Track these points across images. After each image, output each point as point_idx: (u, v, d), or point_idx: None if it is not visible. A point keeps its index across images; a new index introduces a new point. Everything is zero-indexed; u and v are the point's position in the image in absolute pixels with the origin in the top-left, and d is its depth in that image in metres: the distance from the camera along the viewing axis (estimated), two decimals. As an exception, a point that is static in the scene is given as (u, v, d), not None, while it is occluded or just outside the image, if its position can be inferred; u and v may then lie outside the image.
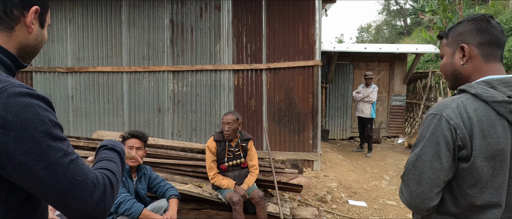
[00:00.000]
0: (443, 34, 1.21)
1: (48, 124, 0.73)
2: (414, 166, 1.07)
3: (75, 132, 5.59)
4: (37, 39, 0.89)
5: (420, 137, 1.08)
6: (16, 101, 0.69)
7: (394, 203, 4.17)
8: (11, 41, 0.83)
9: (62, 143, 0.75)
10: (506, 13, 11.93)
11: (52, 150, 0.72)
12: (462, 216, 1.07)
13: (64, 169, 0.73)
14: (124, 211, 2.26)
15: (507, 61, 9.37)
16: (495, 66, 1.09)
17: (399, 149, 7.42)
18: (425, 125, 1.07)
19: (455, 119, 1.01)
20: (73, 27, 5.46)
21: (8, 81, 0.72)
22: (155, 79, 5.38)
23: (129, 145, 2.48)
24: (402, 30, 25.52)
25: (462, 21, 1.14)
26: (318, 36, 4.94)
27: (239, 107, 5.24)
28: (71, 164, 0.75)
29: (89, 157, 1.13)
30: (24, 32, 0.84)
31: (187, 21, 5.25)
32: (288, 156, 5.05)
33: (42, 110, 0.73)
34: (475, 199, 1.03)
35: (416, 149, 1.09)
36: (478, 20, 1.09)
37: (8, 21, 0.81)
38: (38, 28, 0.88)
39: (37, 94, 0.75)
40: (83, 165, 0.78)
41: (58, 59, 5.54)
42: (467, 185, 1.03)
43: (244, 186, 3.06)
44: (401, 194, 1.14)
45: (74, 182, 0.74)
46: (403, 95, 8.59)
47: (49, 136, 0.72)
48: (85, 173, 0.77)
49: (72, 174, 0.74)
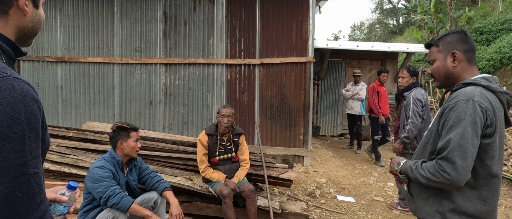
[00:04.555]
0: (433, 43, 1.48)
1: (24, 127, 0.69)
2: (459, 144, 1.23)
3: (64, 123, 5.51)
4: (33, 20, 0.87)
5: (457, 119, 1.26)
6: (4, 95, 0.68)
7: (381, 199, 4.26)
8: (8, 26, 0.82)
9: (28, 151, 0.70)
10: (495, 15, 12.17)
11: (12, 153, 0.67)
12: (477, 185, 1.30)
13: (10, 178, 0.67)
14: (113, 205, 2.25)
15: (494, 62, 9.58)
16: (475, 68, 1.42)
17: (388, 146, 7.54)
18: (460, 109, 1.26)
19: (484, 103, 1.25)
20: (63, 16, 5.36)
21: (4, 73, 0.71)
22: (147, 71, 5.33)
23: (136, 137, 2.53)
24: (395, 29, 25.77)
25: (447, 33, 1.44)
26: (312, 33, 4.97)
27: (232, 102, 5.24)
28: (22, 177, 0.68)
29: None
30: (19, 15, 0.83)
31: (181, 13, 5.21)
32: (279, 151, 5.10)
33: (26, 111, 0.70)
34: (491, 168, 1.28)
35: (457, 130, 1.24)
36: (460, 33, 1.41)
37: (1, 6, 0.79)
38: (32, 9, 0.86)
39: (29, 93, 0.72)
40: (36, 185, 0.70)
41: (47, 48, 5.44)
42: (488, 157, 1.28)
43: (235, 179, 3.09)
44: (440, 174, 1.26)
45: (10, 197, 0.66)
46: (393, 94, 8.72)
47: (18, 139, 0.68)
48: (31, 194, 0.69)
49: (15, 187, 0.67)
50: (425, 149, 1.43)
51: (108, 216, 2.27)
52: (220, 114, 3.14)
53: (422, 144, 1.47)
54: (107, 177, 2.31)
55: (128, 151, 2.49)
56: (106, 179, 2.30)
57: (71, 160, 3.38)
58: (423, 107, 3.59)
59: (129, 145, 2.48)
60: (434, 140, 1.37)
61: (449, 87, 1.46)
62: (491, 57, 9.64)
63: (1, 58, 0.77)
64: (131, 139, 2.49)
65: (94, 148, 3.54)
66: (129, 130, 2.52)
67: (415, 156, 1.52)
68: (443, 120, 1.32)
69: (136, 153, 2.55)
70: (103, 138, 3.62)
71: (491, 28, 11.04)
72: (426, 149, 1.43)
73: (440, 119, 1.34)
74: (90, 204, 2.39)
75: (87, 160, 3.37)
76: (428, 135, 1.44)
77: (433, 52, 1.47)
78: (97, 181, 2.28)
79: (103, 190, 2.26)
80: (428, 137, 1.43)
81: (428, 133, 1.44)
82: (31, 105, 0.72)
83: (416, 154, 1.52)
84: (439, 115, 1.37)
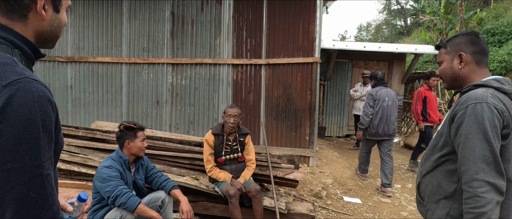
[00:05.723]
0: (442, 44, 1.47)
1: (40, 128, 0.70)
2: (490, 151, 1.18)
3: (73, 122, 5.59)
4: (52, 25, 0.88)
5: (474, 124, 1.20)
6: (22, 96, 0.69)
7: (388, 201, 4.23)
8: (28, 29, 0.83)
9: (42, 153, 0.71)
10: (508, 16, 11.96)
11: (27, 155, 0.69)
12: None
13: (25, 179, 0.68)
14: (120, 204, 2.27)
15: (506, 64, 9.42)
16: (486, 70, 1.38)
17: (395, 148, 7.48)
18: (476, 113, 1.21)
19: (499, 105, 1.21)
20: (74, 17, 5.44)
21: (23, 74, 0.72)
22: (154, 71, 5.38)
23: (142, 137, 2.56)
24: (402, 30, 25.52)
25: (457, 35, 1.43)
26: (318, 33, 4.96)
27: (238, 102, 5.26)
28: (37, 178, 0.70)
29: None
30: (37, 19, 0.84)
31: (188, 14, 5.24)
32: (285, 152, 5.09)
33: (42, 113, 0.71)
34: (507, 172, 1.22)
35: (478, 136, 1.19)
36: (470, 35, 1.38)
37: (20, 9, 0.80)
38: (52, 14, 0.87)
39: (45, 94, 0.73)
40: (49, 187, 0.72)
41: (58, 48, 5.52)
42: (503, 160, 1.22)
43: (241, 179, 3.10)
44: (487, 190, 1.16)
45: (25, 197, 0.68)
46: (400, 95, 8.64)
47: (34, 141, 0.70)
48: (45, 195, 0.71)
49: (29, 188, 0.69)
50: (434, 151, 1.42)
51: (116, 215, 2.30)
52: (226, 114, 3.16)
53: (431, 147, 1.46)
54: (115, 176, 2.34)
55: (135, 150, 2.52)
56: (114, 178, 2.33)
57: (80, 159, 3.43)
58: (374, 101, 4.51)
59: (136, 145, 2.51)
60: (444, 143, 1.35)
61: (457, 88, 1.44)
62: (503, 59, 9.48)
63: (21, 60, 0.79)
64: (138, 139, 2.52)
65: (103, 147, 3.58)
66: (136, 129, 2.54)
67: (424, 158, 1.51)
68: (456, 124, 1.27)
69: (143, 152, 2.58)
70: (111, 138, 3.67)
71: (504, 29, 10.84)
72: (434, 151, 1.41)
73: (451, 123, 1.31)
74: (99, 204, 2.42)
75: (95, 159, 3.42)
76: (437, 138, 1.42)
77: (441, 54, 1.47)
78: (105, 181, 2.31)
79: (111, 190, 2.28)
80: (437, 139, 1.41)
81: (438, 136, 1.42)
82: (47, 107, 0.73)
83: (425, 155, 1.50)
84: (449, 119, 1.34)
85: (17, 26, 0.81)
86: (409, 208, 4.02)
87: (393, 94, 4.59)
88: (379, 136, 4.54)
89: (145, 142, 2.58)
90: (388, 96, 4.52)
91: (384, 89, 4.58)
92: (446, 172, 1.35)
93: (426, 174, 1.45)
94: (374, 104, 4.50)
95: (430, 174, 1.42)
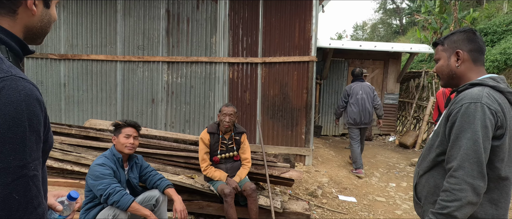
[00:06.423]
0: (439, 41, 1.46)
1: (26, 128, 0.68)
2: (474, 151, 1.18)
3: (67, 120, 5.53)
4: (42, 21, 0.85)
5: (465, 124, 1.21)
6: (7, 95, 0.66)
7: (383, 200, 4.25)
8: (16, 25, 0.80)
9: (28, 153, 0.69)
10: (500, 16, 12.08)
11: (11, 155, 0.66)
12: (487, 188, 1.24)
13: (8, 180, 0.66)
14: (113, 203, 2.24)
15: (498, 64, 9.51)
16: (482, 68, 1.38)
17: (390, 147, 7.52)
18: (469, 113, 1.21)
19: (493, 105, 1.20)
20: (67, 13, 5.37)
21: (9, 72, 0.69)
22: (150, 69, 5.34)
23: (127, 133, 2.48)
24: (398, 29, 25.67)
25: (454, 32, 1.41)
26: (314, 32, 4.95)
27: (234, 100, 5.24)
28: (21, 179, 0.67)
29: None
30: (27, 15, 0.81)
31: (184, 11, 5.20)
32: (281, 150, 5.09)
33: (29, 112, 0.69)
34: (501, 171, 1.23)
35: (466, 135, 1.19)
36: (468, 32, 1.37)
37: (9, 4, 0.78)
38: (42, 9, 0.85)
39: (33, 93, 0.71)
40: (34, 188, 0.70)
41: (51, 45, 5.45)
42: (497, 160, 1.23)
43: (236, 178, 3.08)
44: (462, 188, 1.17)
45: (7, 199, 0.65)
46: (396, 94, 8.68)
47: (19, 141, 0.67)
48: (29, 196, 0.68)
49: (13, 189, 0.66)
50: (431, 150, 1.41)
51: (109, 214, 2.26)
52: (222, 112, 3.14)
53: (428, 147, 1.45)
54: (108, 174, 2.31)
55: (119, 147, 2.47)
56: (106, 176, 2.29)
57: (74, 158, 3.39)
58: (348, 95, 5.26)
59: (119, 141, 2.46)
60: (441, 142, 1.34)
61: (454, 86, 1.44)
62: (496, 58, 9.57)
63: (8, 56, 0.76)
64: (121, 135, 2.47)
65: (96, 146, 3.54)
66: (121, 126, 2.51)
67: (421, 157, 1.50)
68: (450, 124, 1.28)
69: (127, 149, 2.47)
70: (105, 136, 3.63)
71: (496, 29, 10.95)
72: (431, 151, 1.40)
73: (447, 121, 1.31)
74: (92, 202, 2.39)
75: (89, 158, 3.38)
76: (434, 137, 1.41)
77: (438, 51, 1.46)
78: (97, 179, 2.28)
79: (104, 188, 2.25)
80: (434, 139, 1.40)
81: (434, 135, 1.42)
82: (34, 106, 0.71)
83: (422, 155, 1.50)
84: (445, 117, 1.33)
85: (4, 21, 0.78)
86: (403, 207, 4.04)
87: (367, 88, 5.21)
88: (357, 124, 5.19)
89: (132, 139, 2.49)
90: (362, 90, 5.19)
91: (358, 84, 5.25)
92: (443, 172, 1.34)
93: (423, 175, 1.44)
94: (347, 99, 5.28)
95: (427, 174, 1.41)
